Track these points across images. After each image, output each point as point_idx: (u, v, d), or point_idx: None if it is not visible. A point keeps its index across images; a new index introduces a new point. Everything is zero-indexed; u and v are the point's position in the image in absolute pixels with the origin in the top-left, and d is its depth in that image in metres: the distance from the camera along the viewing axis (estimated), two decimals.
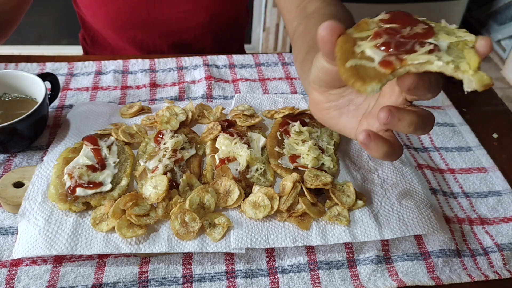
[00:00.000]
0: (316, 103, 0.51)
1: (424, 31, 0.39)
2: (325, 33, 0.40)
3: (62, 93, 0.78)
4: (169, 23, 0.93)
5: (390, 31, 0.39)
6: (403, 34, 0.39)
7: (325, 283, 0.53)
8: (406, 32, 0.39)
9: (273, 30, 2.39)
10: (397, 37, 0.38)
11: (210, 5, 0.91)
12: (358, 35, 0.40)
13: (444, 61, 0.36)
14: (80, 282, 0.51)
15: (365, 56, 0.38)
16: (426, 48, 0.36)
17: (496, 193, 0.66)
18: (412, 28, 0.39)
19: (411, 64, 0.36)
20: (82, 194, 0.55)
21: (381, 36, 0.39)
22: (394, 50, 0.37)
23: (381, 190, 0.60)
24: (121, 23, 0.92)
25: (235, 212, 0.57)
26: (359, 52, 0.38)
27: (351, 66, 0.37)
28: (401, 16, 0.42)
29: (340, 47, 0.40)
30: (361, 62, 0.37)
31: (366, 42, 0.39)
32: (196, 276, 0.53)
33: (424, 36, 0.38)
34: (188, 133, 0.67)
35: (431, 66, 0.36)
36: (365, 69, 0.37)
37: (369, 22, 0.42)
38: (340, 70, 0.38)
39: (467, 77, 0.35)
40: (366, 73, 0.37)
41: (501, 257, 0.57)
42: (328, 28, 0.40)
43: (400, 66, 0.36)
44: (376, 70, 0.37)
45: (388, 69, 0.36)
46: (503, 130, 0.77)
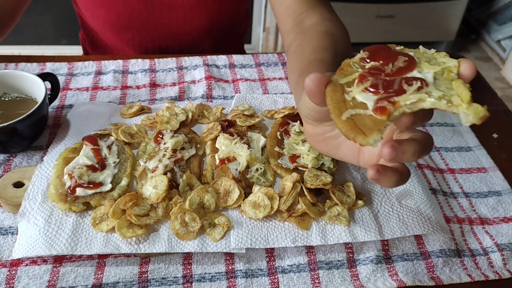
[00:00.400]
0: (312, 136, 0.51)
1: (406, 63, 0.40)
2: (312, 85, 0.41)
3: (62, 93, 0.78)
4: (169, 27, 0.93)
5: (373, 71, 0.40)
6: (386, 71, 0.39)
7: (325, 283, 0.53)
8: (389, 69, 0.39)
9: (273, 30, 2.39)
10: (382, 76, 0.39)
11: (210, 9, 0.91)
12: (344, 80, 0.41)
13: (436, 97, 0.36)
14: (80, 282, 0.51)
15: (357, 103, 0.39)
16: (414, 87, 0.37)
17: (496, 193, 0.66)
18: (394, 64, 0.40)
19: (405, 105, 0.36)
20: (82, 194, 0.55)
21: (366, 79, 0.39)
22: (383, 91, 0.38)
23: (381, 190, 0.60)
24: (120, 25, 0.92)
25: (235, 212, 0.57)
26: (351, 100, 0.39)
27: (347, 118, 0.38)
28: (380, 51, 0.42)
29: (330, 98, 0.40)
30: (356, 112, 0.38)
31: (354, 88, 0.39)
32: (196, 276, 0.53)
33: (407, 69, 0.39)
34: (188, 133, 0.67)
35: (424, 104, 0.36)
36: (362, 118, 0.38)
37: (351, 63, 0.43)
38: (337, 124, 0.38)
39: (462, 112, 0.35)
40: (364, 123, 0.37)
41: (501, 257, 0.57)
42: (314, 80, 0.41)
43: (394, 109, 0.37)
44: (373, 118, 0.37)
45: (384, 115, 0.36)
46: (503, 130, 0.77)
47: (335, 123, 0.39)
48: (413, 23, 2.43)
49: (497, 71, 2.55)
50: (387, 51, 0.42)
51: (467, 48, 2.72)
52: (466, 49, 2.70)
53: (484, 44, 2.72)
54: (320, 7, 0.73)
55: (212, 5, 0.91)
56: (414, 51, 0.41)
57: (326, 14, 0.72)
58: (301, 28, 0.71)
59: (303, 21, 0.72)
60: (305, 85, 0.42)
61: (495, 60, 2.62)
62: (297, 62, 0.64)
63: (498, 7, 2.63)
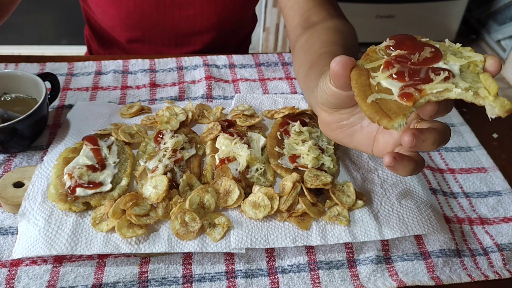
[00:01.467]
0: (327, 123, 0.51)
1: (432, 54, 0.39)
2: (338, 68, 0.41)
3: (62, 93, 0.78)
4: (178, 26, 0.93)
5: (400, 59, 0.39)
6: (413, 60, 0.39)
7: (325, 283, 0.53)
8: (415, 58, 0.39)
9: (273, 30, 2.39)
10: (408, 65, 0.39)
11: (219, 10, 0.92)
12: (370, 66, 0.41)
13: (462, 88, 0.36)
14: (80, 282, 0.51)
15: (382, 88, 0.39)
16: (442, 76, 0.37)
17: (496, 193, 0.66)
18: (421, 53, 0.39)
19: (431, 93, 0.36)
20: (82, 194, 0.55)
21: (393, 66, 0.39)
22: (409, 79, 0.38)
23: (381, 190, 0.60)
24: (130, 23, 0.92)
25: (235, 212, 0.57)
26: (376, 85, 0.39)
27: (372, 101, 0.38)
28: (405, 40, 0.42)
29: (355, 81, 0.40)
30: (381, 96, 0.38)
31: (379, 73, 0.40)
32: (196, 276, 0.53)
33: (433, 60, 0.39)
34: (188, 133, 0.67)
35: (450, 94, 0.36)
36: (387, 103, 0.38)
37: (377, 50, 0.43)
38: (362, 106, 0.38)
39: (488, 104, 0.36)
40: (389, 108, 0.37)
41: (501, 257, 0.57)
42: (340, 63, 0.41)
43: (420, 96, 0.37)
44: (398, 103, 0.37)
45: (410, 102, 0.37)
46: (503, 130, 0.77)
47: (360, 106, 0.39)
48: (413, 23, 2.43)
49: None
50: (413, 41, 0.42)
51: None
52: None
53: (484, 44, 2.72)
54: (327, 5, 0.74)
55: (222, 5, 0.91)
56: (440, 44, 0.41)
57: (333, 12, 0.73)
58: (308, 24, 0.72)
59: (310, 18, 0.72)
60: (331, 67, 0.42)
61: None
62: (306, 56, 0.64)
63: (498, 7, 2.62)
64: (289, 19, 0.78)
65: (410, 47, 0.41)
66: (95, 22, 1.00)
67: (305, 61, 0.64)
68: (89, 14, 1.00)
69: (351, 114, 0.49)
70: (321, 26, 0.69)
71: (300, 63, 0.67)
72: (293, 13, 0.76)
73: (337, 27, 0.68)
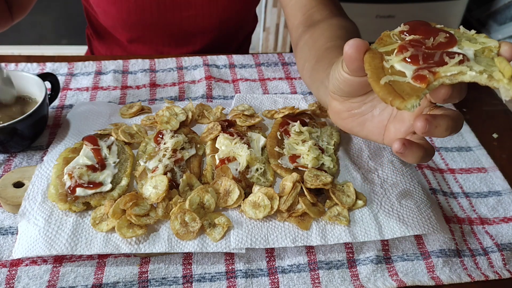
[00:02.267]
0: (338, 112, 0.51)
1: (446, 39, 0.39)
2: (351, 51, 0.41)
3: (62, 93, 0.78)
4: (179, 26, 0.93)
5: (414, 43, 0.39)
6: (427, 45, 0.39)
7: (325, 283, 0.53)
8: (430, 43, 0.39)
9: (273, 30, 2.39)
10: (422, 49, 0.39)
11: (220, 10, 0.92)
12: (383, 49, 0.41)
13: (477, 71, 0.36)
14: (80, 282, 0.51)
15: (396, 71, 0.38)
16: (456, 59, 0.37)
17: (496, 193, 0.66)
18: (435, 38, 0.39)
19: (445, 76, 0.36)
20: (82, 194, 0.55)
21: (407, 49, 0.39)
22: (423, 62, 0.38)
23: (381, 190, 0.60)
24: (131, 23, 0.92)
25: (235, 212, 0.57)
26: (389, 68, 0.39)
27: (385, 83, 0.38)
28: (420, 26, 0.42)
29: (369, 64, 0.40)
30: (394, 78, 0.38)
31: (393, 56, 0.39)
32: (196, 276, 0.53)
33: (448, 45, 0.39)
34: (188, 133, 0.67)
35: (465, 77, 0.36)
36: (400, 85, 0.37)
37: (391, 35, 0.43)
38: (375, 88, 0.38)
39: (503, 86, 0.35)
40: (402, 89, 0.37)
41: (501, 257, 0.57)
42: (354, 46, 0.41)
43: (434, 79, 0.36)
44: (411, 85, 0.37)
45: (423, 83, 0.36)
46: (503, 130, 0.77)
47: (373, 87, 0.39)
48: None
49: None
50: (427, 27, 0.41)
51: None
52: None
53: None
54: (330, 4, 0.75)
55: (223, 5, 0.91)
56: (454, 30, 0.41)
57: (335, 10, 0.74)
58: (311, 22, 0.72)
59: (313, 16, 0.73)
60: (344, 51, 0.42)
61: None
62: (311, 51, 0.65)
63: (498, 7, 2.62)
64: (291, 17, 0.78)
65: (424, 32, 0.41)
66: (96, 21, 1.00)
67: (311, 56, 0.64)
68: (90, 13, 1.00)
69: (363, 102, 0.49)
70: (324, 23, 0.69)
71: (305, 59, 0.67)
72: (295, 11, 0.77)
73: (341, 24, 0.68)
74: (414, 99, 0.36)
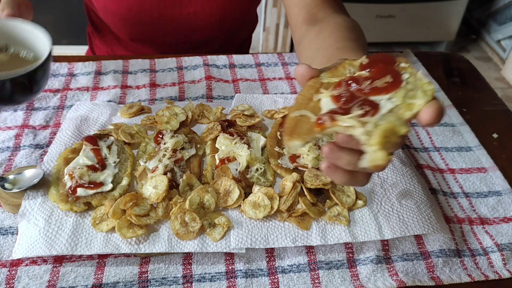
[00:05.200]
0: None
1: (385, 85, 0.41)
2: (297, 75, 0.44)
3: (62, 93, 0.78)
4: (179, 23, 0.93)
5: (351, 83, 0.41)
6: (362, 87, 0.41)
7: (325, 283, 0.53)
8: (365, 85, 0.41)
9: (273, 30, 2.39)
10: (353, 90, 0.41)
11: (221, 8, 0.92)
12: (327, 80, 0.43)
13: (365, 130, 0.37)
14: (80, 282, 0.51)
15: (317, 106, 0.41)
16: (357, 113, 0.39)
17: (496, 193, 0.66)
18: (373, 82, 0.41)
19: (340, 126, 0.38)
20: (83, 194, 0.55)
21: (339, 87, 0.41)
22: (341, 105, 0.40)
23: (381, 190, 0.60)
24: (131, 19, 0.92)
25: (235, 212, 0.57)
26: (315, 101, 0.41)
27: (295, 116, 0.41)
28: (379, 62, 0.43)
29: (302, 92, 0.43)
30: (306, 113, 0.40)
31: (326, 91, 0.42)
32: (196, 276, 0.53)
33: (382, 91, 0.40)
34: (188, 133, 0.67)
35: (353, 131, 0.38)
36: (304, 122, 0.40)
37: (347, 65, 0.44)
38: (287, 117, 0.41)
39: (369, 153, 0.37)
40: (301, 127, 0.40)
41: (501, 257, 0.57)
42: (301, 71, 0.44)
43: (330, 126, 0.38)
44: (311, 126, 0.39)
45: (319, 128, 0.39)
46: (503, 130, 0.77)
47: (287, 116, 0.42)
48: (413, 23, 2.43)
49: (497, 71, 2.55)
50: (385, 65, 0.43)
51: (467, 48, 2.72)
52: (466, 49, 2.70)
53: (484, 44, 2.72)
54: (333, 2, 0.76)
55: (223, 3, 0.91)
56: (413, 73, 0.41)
57: (338, 9, 0.75)
58: (315, 20, 0.73)
59: (317, 14, 0.73)
60: (294, 71, 0.45)
61: (495, 60, 2.62)
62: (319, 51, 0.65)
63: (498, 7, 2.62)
64: (293, 16, 0.79)
65: (376, 70, 0.42)
66: (96, 18, 1.00)
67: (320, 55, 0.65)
68: (91, 10, 1.00)
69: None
70: (330, 22, 0.70)
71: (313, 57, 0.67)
72: (298, 10, 0.77)
73: (347, 24, 0.69)
74: (296, 140, 0.39)
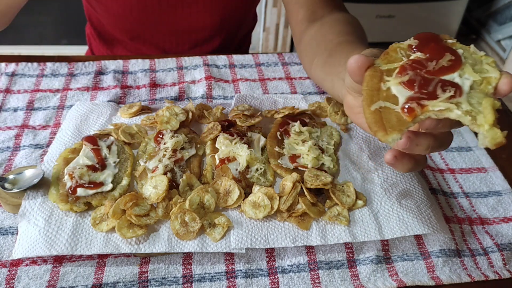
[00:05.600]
0: (351, 106, 0.53)
1: (449, 64, 0.39)
2: (354, 66, 0.43)
3: (62, 93, 0.78)
4: (180, 23, 0.93)
5: (415, 66, 0.40)
6: (428, 68, 0.39)
7: (325, 283, 0.53)
8: (431, 66, 0.39)
9: (273, 30, 2.39)
10: (422, 73, 0.39)
11: (221, 8, 0.92)
12: (386, 67, 0.41)
13: (463, 111, 0.36)
14: (80, 282, 0.51)
15: (390, 95, 0.39)
16: (447, 95, 0.37)
17: (496, 193, 0.66)
18: (438, 61, 0.39)
19: (432, 111, 0.37)
20: (83, 194, 0.55)
21: (406, 72, 0.39)
22: (418, 89, 0.38)
23: (381, 190, 0.60)
24: (133, 20, 0.92)
25: (235, 212, 0.57)
26: (385, 90, 0.40)
27: (375, 109, 0.39)
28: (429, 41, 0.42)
29: (366, 84, 0.41)
30: (386, 104, 0.39)
31: (392, 78, 0.40)
32: (196, 276, 0.53)
33: (449, 69, 0.39)
34: (188, 133, 0.67)
35: (451, 114, 0.37)
36: (389, 113, 0.38)
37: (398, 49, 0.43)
38: (365, 113, 0.39)
39: (481, 133, 0.36)
40: (389, 118, 0.38)
41: (501, 257, 0.57)
42: (357, 62, 0.42)
43: (421, 112, 0.37)
44: (399, 116, 0.38)
45: (410, 117, 0.37)
46: (503, 130, 0.77)
47: (363, 111, 0.39)
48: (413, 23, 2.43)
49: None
50: (437, 44, 0.42)
51: None
52: None
53: (484, 44, 2.72)
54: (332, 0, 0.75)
55: (224, 3, 0.91)
56: (465, 48, 0.41)
57: (338, 6, 0.75)
58: (315, 17, 0.73)
59: (317, 12, 0.74)
60: (348, 64, 0.43)
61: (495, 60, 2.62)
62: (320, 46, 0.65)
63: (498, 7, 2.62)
64: (293, 13, 0.79)
65: (431, 50, 0.41)
66: (96, 19, 1.00)
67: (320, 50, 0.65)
68: (91, 11, 1.00)
69: None
70: (330, 18, 0.70)
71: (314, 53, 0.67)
72: (298, 7, 0.77)
73: (347, 19, 0.69)
74: (396, 134, 0.37)
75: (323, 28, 0.68)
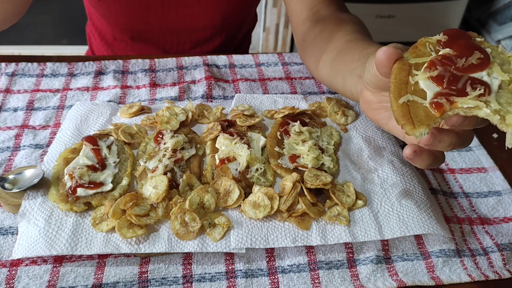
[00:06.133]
0: (368, 102, 0.52)
1: (478, 62, 0.39)
2: (382, 58, 0.42)
3: (62, 93, 0.78)
4: (182, 23, 0.93)
5: (445, 61, 0.40)
6: (457, 65, 0.39)
7: (325, 283, 0.53)
8: (460, 63, 0.39)
9: (273, 30, 2.39)
10: (451, 69, 0.39)
11: (223, 8, 0.92)
12: (414, 61, 0.41)
13: (492, 109, 0.36)
14: (80, 282, 0.51)
15: (418, 89, 0.39)
16: (476, 93, 0.37)
17: (496, 193, 0.66)
18: (467, 59, 0.39)
19: (461, 107, 0.37)
20: (83, 194, 0.55)
21: (435, 67, 0.39)
22: (446, 86, 0.38)
23: (381, 190, 0.60)
24: (135, 19, 0.92)
25: (235, 212, 0.57)
26: (413, 84, 0.40)
27: (403, 102, 0.39)
28: (458, 38, 0.42)
29: (394, 76, 0.41)
30: (414, 98, 0.39)
31: (420, 72, 0.40)
32: (196, 276, 0.53)
33: (478, 68, 0.39)
34: (188, 133, 0.67)
35: (479, 112, 0.37)
36: (416, 107, 0.38)
37: (426, 43, 0.43)
38: (393, 105, 0.39)
39: (510, 133, 0.36)
40: (417, 113, 0.38)
41: (501, 257, 0.57)
42: (386, 53, 0.42)
43: (450, 108, 0.37)
44: (427, 110, 0.38)
45: (438, 112, 0.37)
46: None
47: (391, 103, 0.40)
48: (413, 23, 2.43)
49: None
50: (466, 41, 0.41)
51: None
52: None
53: None
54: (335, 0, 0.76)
55: (226, 3, 0.91)
56: (493, 47, 0.41)
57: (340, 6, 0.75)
58: (318, 16, 0.73)
59: (320, 11, 0.74)
60: (377, 55, 0.43)
61: None
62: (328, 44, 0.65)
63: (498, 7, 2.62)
64: (296, 13, 0.79)
65: (460, 47, 0.41)
66: (97, 18, 1.00)
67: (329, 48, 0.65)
68: (91, 10, 1.00)
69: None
70: (335, 18, 0.70)
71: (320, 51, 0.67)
72: (301, 7, 0.77)
73: (352, 19, 0.69)
74: (423, 128, 0.37)
75: (329, 27, 0.68)
